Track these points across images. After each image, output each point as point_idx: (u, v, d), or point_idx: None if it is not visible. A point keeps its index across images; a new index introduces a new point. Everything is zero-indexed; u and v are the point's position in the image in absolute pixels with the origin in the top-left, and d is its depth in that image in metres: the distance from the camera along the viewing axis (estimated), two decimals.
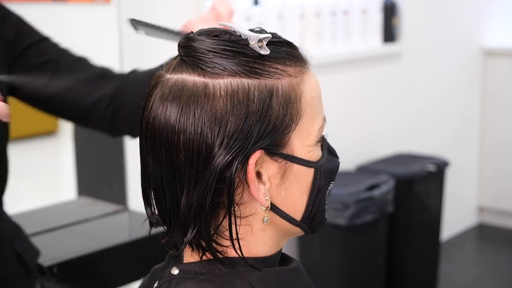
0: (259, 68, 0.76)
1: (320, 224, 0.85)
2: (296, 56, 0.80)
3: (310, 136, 0.80)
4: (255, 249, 0.81)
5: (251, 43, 0.77)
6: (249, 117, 0.75)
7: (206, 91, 0.75)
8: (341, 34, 3.12)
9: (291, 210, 0.81)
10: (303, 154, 0.79)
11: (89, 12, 2.09)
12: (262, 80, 0.76)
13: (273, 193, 0.79)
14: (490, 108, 4.01)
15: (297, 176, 0.79)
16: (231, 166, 0.74)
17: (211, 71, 0.76)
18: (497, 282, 3.47)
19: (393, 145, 3.43)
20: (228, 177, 0.75)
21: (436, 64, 3.69)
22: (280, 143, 0.77)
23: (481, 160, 4.08)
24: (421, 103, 3.62)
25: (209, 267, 0.80)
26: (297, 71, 0.79)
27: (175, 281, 0.81)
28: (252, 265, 0.79)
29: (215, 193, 0.75)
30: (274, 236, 0.82)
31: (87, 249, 1.39)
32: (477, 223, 4.13)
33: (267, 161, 0.77)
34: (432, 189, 3.16)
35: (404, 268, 3.07)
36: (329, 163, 0.83)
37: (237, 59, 0.76)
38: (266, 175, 0.78)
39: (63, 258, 1.35)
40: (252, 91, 0.75)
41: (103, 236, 1.48)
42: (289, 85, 0.78)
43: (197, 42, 0.77)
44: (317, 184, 0.81)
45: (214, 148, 0.74)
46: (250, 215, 0.79)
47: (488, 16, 3.99)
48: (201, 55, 0.76)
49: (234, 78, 0.75)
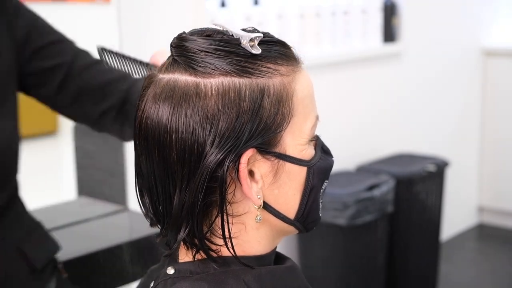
0: (250, 67, 0.77)
1: (314, 222, 0.85)
2: (288, 55, 0.80)
3: (302, 135, 0.80)
4: (249, 247, 0.81)
5: (242, 43, 0.77)
6: (241, 116, 0.75)
7: (197, 91, 0.75)
8: (341, 34, 3.11)
9: (284, 209, 0.81)
10: (295, 152, 0.80)
11: (89, 12, 2.09)
12: (254, 79, 0.77)
13: (266, 192, 0.79)
14: (490, 108, 4.01)
15: (290, 174, 0.80)
16: (222, 164, 0.75)
17: (202, 71, 0.76)
18: (496, 282, 3.47)
19: (393, 145, 3.43)
20: (220, 175, 0.75)
21: (436, 64, 3.69)
22: (272, 141, 0.78)
23: (481, 160, 4.08)
24: (421, 102, 3.62)
25: (204, 266, 0.80)
26: (289, 70, 0.79)
27: (170, 281, 0.81)
28: (245, 264, 0.79)
29: (207, 191, 0.76)
30: (268, 234, 0.82)
31: (87, 249, 1.39)
32: (477, 223, 4.13)
33: (259, 160, 0.78)
34: (432, 189, 3.16)
35: (404, 268, 3.07)
36: (323, 162, 0.83)
37: (229, 59, 0.77)
38: (259, 174, 0.78)
39: (63, 258, 1.35)
40: (243, 90, 0.76)
41: (103, 236, 1.48)
42: (280, 84, 0.78)
43: (189, 42, 0.78)
44: (310, 183, 0.81)
45: (205, 147, 0.75)
46: (243, 213, 0.79)
47: (488, 16, 3.99)
48: (193, 54, 0.77)
49: (225, 78, 0.76)
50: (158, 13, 2.33)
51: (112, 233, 1.53)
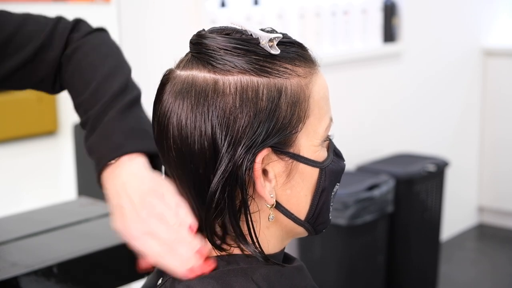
0: (269, 67, 0.77)
1: (324, 224, 0.86)
2: (305, 57, 0.81)
3: (316, 136, 0.80)
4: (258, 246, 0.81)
5: (261, 42, 0.77)
6: (258, 115, 0.76)
7: (216, 87, 0.76)
8: (341, 34, 3.12)
9: (296, 209, 0.81)
10: (309, 153, 0.80)
11: (89, 12, 2.08)
12: (272, 79, 0.77)
13: (279, 191, 0.80)
14: (490, 108, 4.01)
15: (303, 175, 0.80)
16: (239, 162, 0.75)
17: (221, 68, 0.76)
18: (496, 282, 3.47)
19: (393, 145, 3.43)
20: (235, 172, 0.76)
21: (436, 64, 3.69)
22: (287, 142, 0.78)
23: (481, 160, 4.08)
24: (421, 103, 3.62)
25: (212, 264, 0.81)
26: (306, 72, 0.80)
27: (179, 278, 0.81)
28: (265, 257, 0.80)
29: (223, 189, 0.76)
30: (278, 234, 0.83)
31: (87, 249, 1.38)
32: (477, 223, 4.13)
33: (273, 159, 0.78)
34: (432, 189, 3.16)
35: (404, 268, 3.07)
36: (335, 164, 0.84)
37: (248, 57, 0.77)
38: (272, 173, 0.79)
39: (63, 258, 1.35)
40: (261, 89, 0.76)
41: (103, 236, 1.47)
42: (298, 85, 0.78)
43: (209, 39, 0.78)
44: (321, 184, 0.82)
45: (223, 145, 0.75)
46: (255, 212, 0.80)
47: (488, 16, 3.99)
48: (212, 52, 0.77)
49: (244, 76, 0.76)
50: (158, 12, 2.33)
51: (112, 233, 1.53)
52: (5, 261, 1.33)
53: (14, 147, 2.06)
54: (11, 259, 1.35)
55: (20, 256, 1.37)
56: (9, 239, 1.43)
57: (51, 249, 1.40)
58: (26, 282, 1.27)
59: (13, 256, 1.37)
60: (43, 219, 1.39)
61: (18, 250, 1.40)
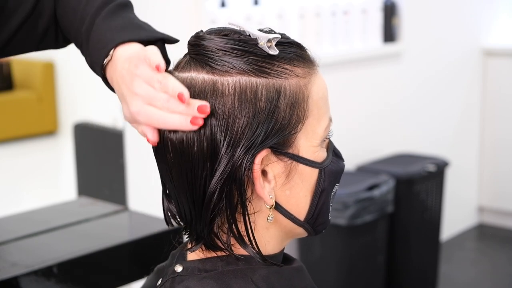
0: (267, 67, 0.77)
1: (323, 225, 0.85)
2: (304, 57, 0.81)
3: (316, 136, 0.80)
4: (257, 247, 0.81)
5: (260, 43, 0.77)
6: (257, 115, 0.76)
7: (214, 88, 0.76)
8: (341, 34, 3.12)
9: (295, 210, 0.81)
10: (308, 154, 0.80)
11: None
12: (270, 79, 0.77)
13: (278, 192, 0.79)
14: (490, 108, 4.00)
15: (302, 176, 0.80)
16: (238, 163, 0.75)
17: (220, 69, 0.76)
18: (496, 282, 3.47)
19: (393, 145, 3.43)
20: (234, 173, 0.76)
21: (436, 64, 3.69)
22: (286, 142, 0.78)
23: (481, 160, 4.08)
24: (421, 103, 3.62)
25: (212, 265, 0.81)
26: (305, 72, 0.80)
27: (178, 278, 0.81)
28: (263, 258, 0.79)
29: (221, 190, 0.76)
30: (277, 235, 0.83)
31: (87, 249, 1.38)
32: (477, 223, 4.13)
33: (273, 160, 0.78)
34: (432, 189, 3.17)
35: (404, 268, 3.07)
36: (334, 165, 0.84)
37: (246, 58, 0.77)
38: (272, 174, 0.78)
39: (63, 258, 1.35)
40: (260, 89, 0.76)
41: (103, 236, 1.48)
42: (296, 86, 0.78)
43: (207, 40, 0.78)
44: (321, 185, 0.82)
45: (222, 145, 0.75)
46: (254, 212, 0.79)
47: (488, 16, 3.99)
48: (210, 53, 0.77)
49: (242, 77, 0.76)
50: (158, 12, 2.33)
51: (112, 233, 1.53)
52: (5, 261, 1.33)
53: (14, 147, 2.06)
54: (11, 259, 1.35)
55: (20, 256, 1.37)
56: (9, 239, 1.44)
57: (51, 249, 1.41)
58: (26, 282, 1.27)
59: (13, 256, 1.37)
60: (43, 219, 1.39)
61: (18, 250, 1.40)
